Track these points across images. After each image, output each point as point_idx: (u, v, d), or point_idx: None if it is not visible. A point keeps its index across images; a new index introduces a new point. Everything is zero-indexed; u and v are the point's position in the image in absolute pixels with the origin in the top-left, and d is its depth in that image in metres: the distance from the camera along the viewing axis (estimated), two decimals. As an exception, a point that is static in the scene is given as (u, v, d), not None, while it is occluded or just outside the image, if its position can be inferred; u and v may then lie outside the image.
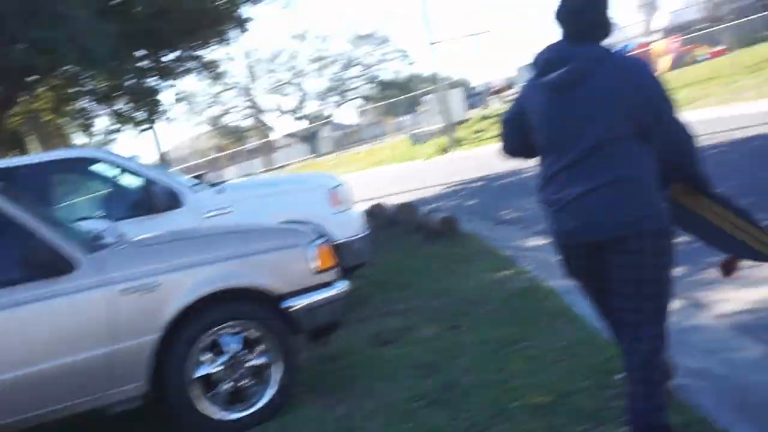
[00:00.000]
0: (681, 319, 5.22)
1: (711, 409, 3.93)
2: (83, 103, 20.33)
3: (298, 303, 5.27)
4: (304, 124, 69.96)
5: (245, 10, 19.57)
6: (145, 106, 18.93)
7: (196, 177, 8.59)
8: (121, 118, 20.38)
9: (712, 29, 37.21)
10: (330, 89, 72.75)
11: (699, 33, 37.41)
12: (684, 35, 37.54)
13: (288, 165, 50.85)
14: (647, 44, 38.62)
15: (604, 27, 3.58)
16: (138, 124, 20.59)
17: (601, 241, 3.52)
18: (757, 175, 9.61)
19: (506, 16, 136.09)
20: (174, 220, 7.21)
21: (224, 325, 5.06)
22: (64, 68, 14.69)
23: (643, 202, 3.45)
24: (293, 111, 73.08)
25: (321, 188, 7.98)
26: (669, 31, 45.24)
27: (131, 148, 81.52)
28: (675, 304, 4.79)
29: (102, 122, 23.01)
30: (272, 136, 70.65)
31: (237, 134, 70.82)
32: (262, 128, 66.74)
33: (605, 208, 3.46)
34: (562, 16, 3.58)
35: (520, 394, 4.54)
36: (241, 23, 19.01)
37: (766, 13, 38.94)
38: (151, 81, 18.25)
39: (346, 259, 7.76)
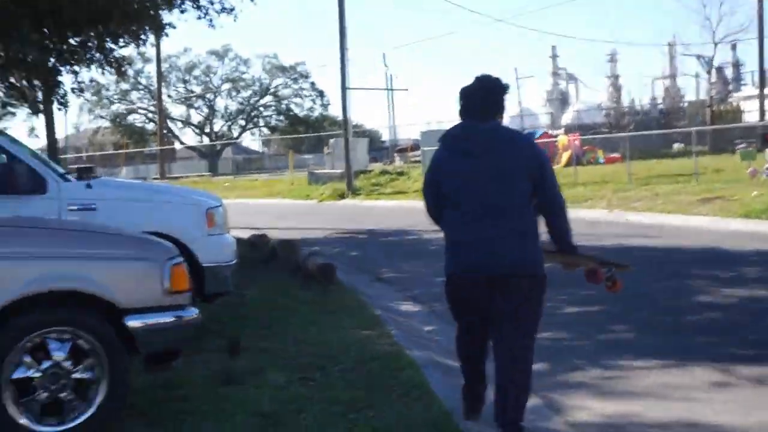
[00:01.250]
0: (535, 418, 4.97)
1: None
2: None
3: (141, 322, 4.76)
4: (207, 141, 68.75)
5: (167, 16, 18.94)
6: (42, 86, 17.88)
7: (82, 170, 7.88)
8: (15, 93, 19.25)
9: (611, 135, 38.38)
10: (239, 112, 71.80)
11: (599, 136, 38.60)
12: (583, 135, 38.67)
13: (183, 177, 49.75)
14: (553, 135, 39.59)
15: (500, 109, 4.59)
16: (32, 104, 19.51)
17: (496, 277, 4.37)
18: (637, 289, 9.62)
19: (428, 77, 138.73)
20: (33, 205, 6.65)
21: (54, 328, 4.52)
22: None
23: (531, 250, 4.41)
24: (199, 125, 71.93)
25: (198, 206, 7.49)
26: (572, 128, 46.70)
27: (25, 130, 78.33)
28: (533, 401, 4.59)
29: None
30: (174, 146, 69.32)
31: (139, 136, 68.92)
32: (166, 135, 65.09)
33: (506, 251, 4.34)
34: (470, 99, 4.52)
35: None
36: (159, 26, 18.34)
37: (664, 131, 40.75)
38: (52, 62, 17.15)
39: (209, 284, 7.31)
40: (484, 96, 4.50)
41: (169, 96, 68.60)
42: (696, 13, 62.63)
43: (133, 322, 4.75)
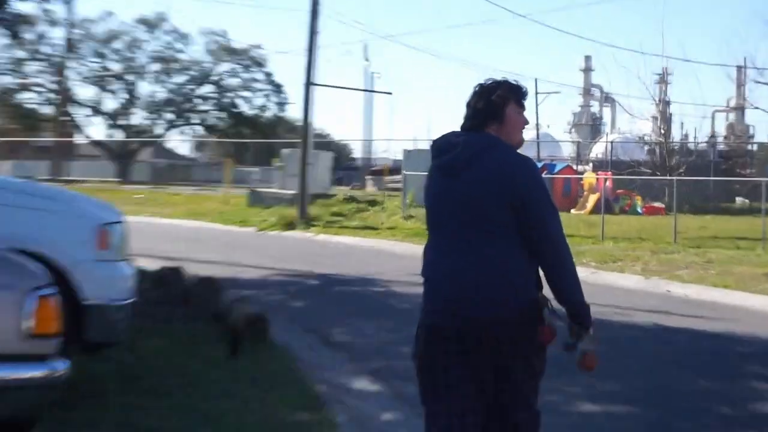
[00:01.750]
0: None
1: None
2: None
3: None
4: (121, 136, 67.64)
5: None
6: None
7: None
8: None
9: (654, 178, 38.35)
10: (169, 102, 70.68)
11: (639, 177, 38.46)
12: (617, 174, 38.60)
13: (82, 181, 49.02)
14: (577, 171, 39.51)
15: (493, 115, 4.59)
16: None
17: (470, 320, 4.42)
18: (667, 373, 9.35)
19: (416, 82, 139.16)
20: None
21: None
22: None
23: (519, 291, 4.45)
24: (112, 115, 70.58)
25: (87, 219, 7.05)
26: (603, 165, 46.65)
27: None
28: None
29: None
30: (76, 139, 68.32)
31: (31, 121, 67.29)
32: (67, 124, 64.29)
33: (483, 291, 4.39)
34: (466, 106, 4.70)
35: None
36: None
37: (725, 178, 40.77)
38: None
39: (92, 329, 6.94)
40: (476, 99, 4.66)
41: (78, 73, 67.81)
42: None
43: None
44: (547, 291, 4.48)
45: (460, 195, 4.47)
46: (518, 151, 4.68)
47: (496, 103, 4.58)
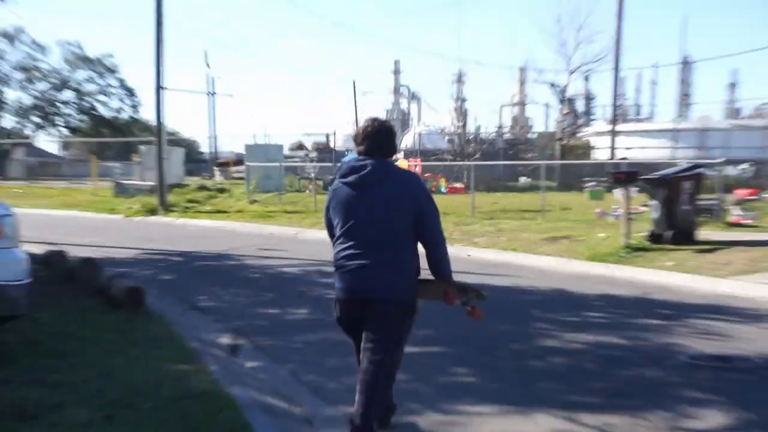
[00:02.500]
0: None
1: None
2: None
3: None
4: (-6, 138, 64.93)
5: None
6: None
7: None
8: None
9: (454, 163, 39.59)
10: (34, 107, 68.26)
11: (441, 163, 39.68)
12: (425, 161, 39.54)
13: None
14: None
15: (395, 149, 5.63)
16: None
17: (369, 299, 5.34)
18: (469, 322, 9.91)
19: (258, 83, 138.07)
20: None
21: None
22: None
23: (404, 280, 5.40)
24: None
25: (-24, 213, 7.01)
26: (412, 153, 47.50)
27: None
28: None
29: None
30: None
31: None
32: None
33: (379, 279, 5.32)
34: (371, 138, 5.46)
35: None
36: None
37: (511, 162, 42.22)
38: None
39: (-5, 306, 6.96)
40: (386, 137, 5.53)
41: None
42: (552, 37, 63.97)
43: None
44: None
45: (374, 205, 5.29)
46: None
47: (395, 143, 5.68)
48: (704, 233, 16.72)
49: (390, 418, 5.91)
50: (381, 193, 5.29)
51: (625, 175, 16.85)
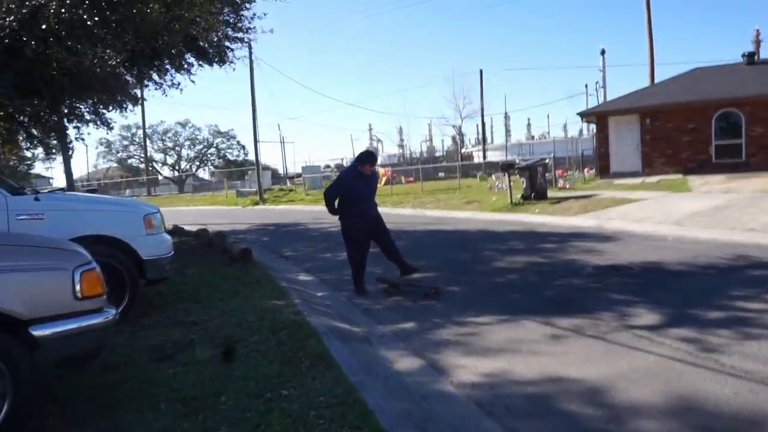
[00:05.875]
0: (427, 381, 3.15)
1: None
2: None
3: (49, 330, 2.57)
4: (176, 174, 62.65)
5: (146, 92, 15.55)
6: (55, 137, 14.18)
7: (89, 191, 5.26)
8: (34, 141, 15.26)
9: (408, 167, 37.50)
10: (196, 157, 65.89)
11: (400, 168, 37.58)
12: (391, 168, 37.62)
13: (161, 195, 44.56)
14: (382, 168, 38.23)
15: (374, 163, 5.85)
16: (48, 150, 15.78)
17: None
18: (444, 253, 8.03)
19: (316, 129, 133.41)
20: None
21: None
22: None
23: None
24: (172, 165, 65.39)
25: (138, 213, 5.06)
26: (385, 165, 45.61)
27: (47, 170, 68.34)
28: (417, 362, 2.75)
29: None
30: (158, 176, 62.52)
31: (135, 171, 61.33)
32: (151, 170, 58.64)
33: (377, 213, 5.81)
34: (370, 157, 5.79)
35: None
36: (134, 99, 14.94)
37: (434, 165, 40.34)
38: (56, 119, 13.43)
39: (150, 272, 5.02)
40: (375, 157, 5.81)
41: (153, 148, 61.87)
42: (449, 102, 62.81)
43: (40, 332, 2.53)
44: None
45: (370, 187, 5.76)
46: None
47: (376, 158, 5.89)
48: (551, 194, 14.82)
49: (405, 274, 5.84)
50: (372, 182, 5.83)
51: (508, 165, 15.05)
